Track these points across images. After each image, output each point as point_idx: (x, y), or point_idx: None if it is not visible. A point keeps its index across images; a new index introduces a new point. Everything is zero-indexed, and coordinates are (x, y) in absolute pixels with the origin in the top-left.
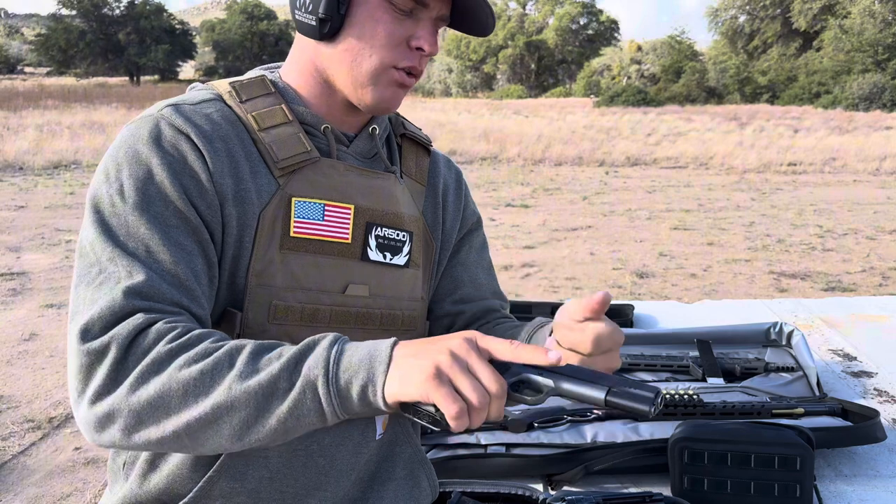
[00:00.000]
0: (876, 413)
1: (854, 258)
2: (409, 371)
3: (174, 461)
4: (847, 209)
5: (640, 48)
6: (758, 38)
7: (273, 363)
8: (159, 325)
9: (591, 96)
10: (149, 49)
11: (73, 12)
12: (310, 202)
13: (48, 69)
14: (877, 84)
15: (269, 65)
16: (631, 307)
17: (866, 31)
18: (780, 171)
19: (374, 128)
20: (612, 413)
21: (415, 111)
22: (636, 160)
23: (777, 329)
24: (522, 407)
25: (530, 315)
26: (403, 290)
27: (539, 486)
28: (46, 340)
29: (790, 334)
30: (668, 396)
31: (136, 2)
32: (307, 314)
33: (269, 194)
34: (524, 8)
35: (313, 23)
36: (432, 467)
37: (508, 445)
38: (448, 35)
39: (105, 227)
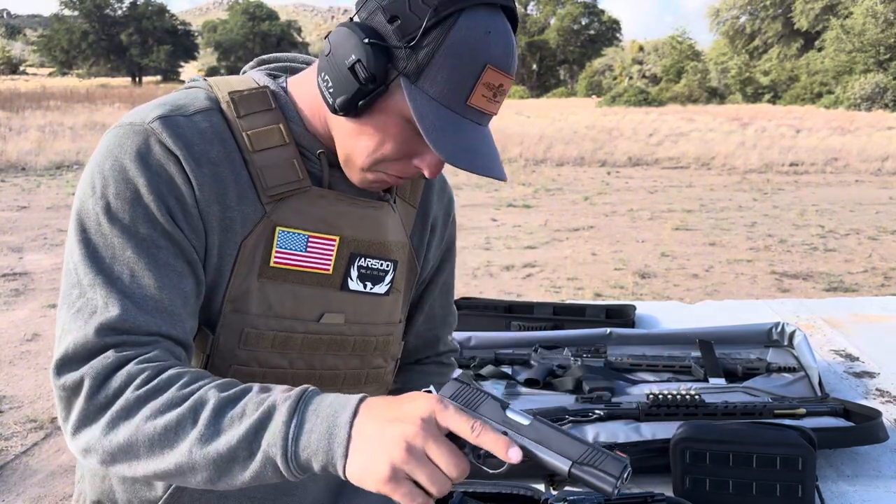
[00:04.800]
0: (878, 413)
1: (856, 258)
2: (367, 465)
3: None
4: (849, 209)
5: (641, 48)
6: (759, 39)
7: (234, 427)
8: (130, 366)
9: (594, 96)
10: (151, 50)
11: (76, 13)
12: (294, 232)
13: (50, 70)
14: (879, 84)
15: (274, 62)
16: (633, 307)
17: (868, 31)
18: (782, 171)
19: None
20: (613, 414)
21: None
22: (638, 160)
23: (779, 329)
24: (524, 407)
25: (532, 315)
26: (381, 316)
27: (541, 486)
28: (49, 340)
29: (792, 335)
30: (669, 397)
31: (138, 2)
32: (279, 342)
33: (254, 222)
34: (526, 8)
35: (331, 101)
36: None
37: None
38: None
39: (90, 248)
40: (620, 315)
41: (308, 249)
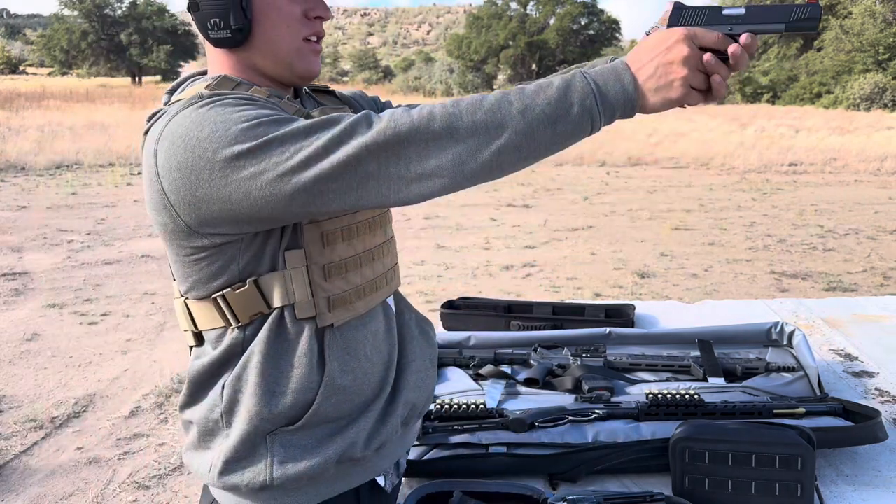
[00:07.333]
0: (877, 413)
1: (855, 258)
2: (668, 94)
3: (296, 379)
4: (848, 209)
5: None
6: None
7: (544, 95)
8: (401, 108)
9: None
10: (151, 49)
11: (76, 13)
12: None
13: (50, 70)
14: (878, 84)
15: (186, 80)
16: (632, 307)
17: (867, 31)
18: (781, 171)
19: (306, 89)
20: (612, 413)
21: None
22: (637, 160)
23: (778, 329)
24: (523, 406)
25: (531, 315)
26: None
27: (541, 486)
28: (48, 340)
29: (791, 334)
30: (668, 397)
31: (138, 2)
32: (346, 233)
33: None
34: (525, 8)
35: (229, 35)
36: (432, 323)
37: (510, 445)
38: (449, 36)
39: (272, 128)
40: (620, 315)
41: None
